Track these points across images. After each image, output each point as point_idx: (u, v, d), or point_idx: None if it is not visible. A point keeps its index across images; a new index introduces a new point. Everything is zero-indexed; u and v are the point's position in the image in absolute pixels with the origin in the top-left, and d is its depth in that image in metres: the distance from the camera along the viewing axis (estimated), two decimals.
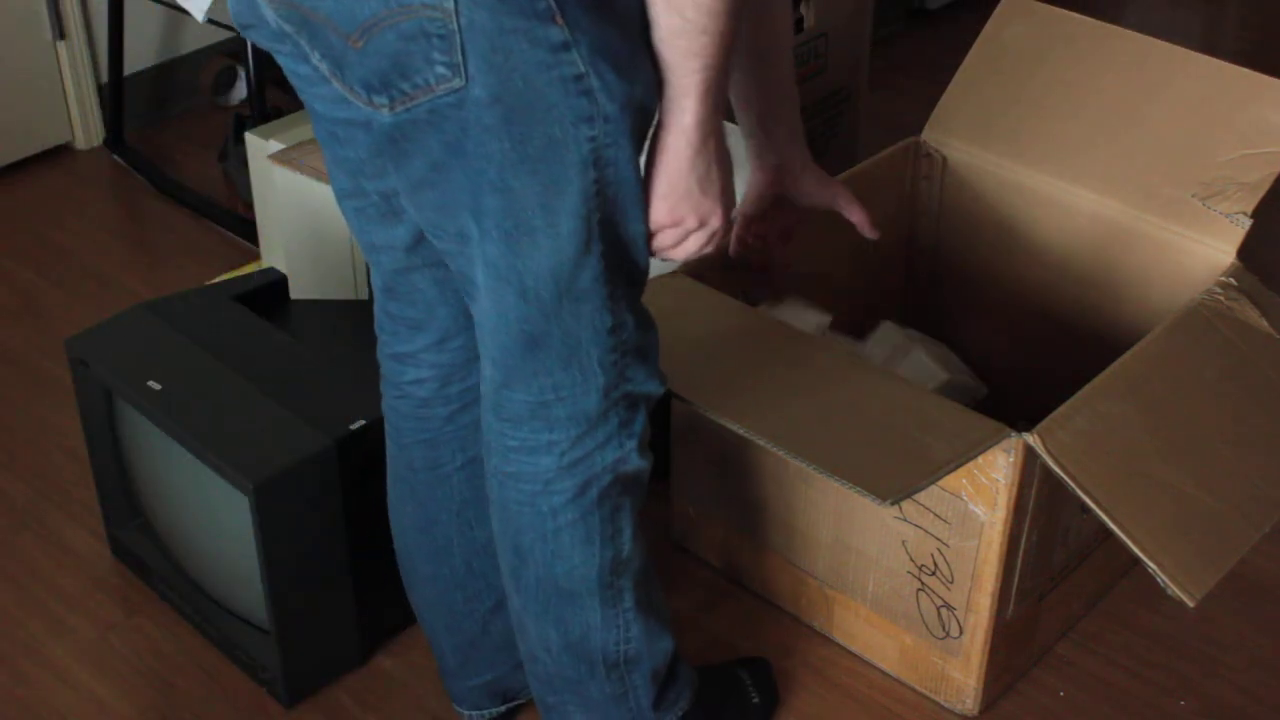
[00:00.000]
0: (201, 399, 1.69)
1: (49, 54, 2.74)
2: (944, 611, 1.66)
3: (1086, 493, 1.44)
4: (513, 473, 1.38)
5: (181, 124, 2.96)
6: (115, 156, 2.81)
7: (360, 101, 1.22)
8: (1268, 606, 1.88)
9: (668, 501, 1.93)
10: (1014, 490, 1.52)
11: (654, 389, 1.39)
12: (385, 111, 1.20)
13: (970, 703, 1.71)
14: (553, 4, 1.14)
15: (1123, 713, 1.74)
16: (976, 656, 1.67)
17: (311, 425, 1.65)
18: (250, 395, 1.69)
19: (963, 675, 1.69)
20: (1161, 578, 1.41)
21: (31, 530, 2.00)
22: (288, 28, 1.25)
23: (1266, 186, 1.74)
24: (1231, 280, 1.70)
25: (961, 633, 1.66)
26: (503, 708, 1.69)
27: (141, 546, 1.89)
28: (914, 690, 1.75)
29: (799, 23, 2.41)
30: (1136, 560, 1.43)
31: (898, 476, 1.41)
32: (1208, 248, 1.75)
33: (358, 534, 1.68)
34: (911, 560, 1.65)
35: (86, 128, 2.84)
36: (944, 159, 1.98)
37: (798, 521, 1.76)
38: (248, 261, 2.45)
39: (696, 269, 1.75)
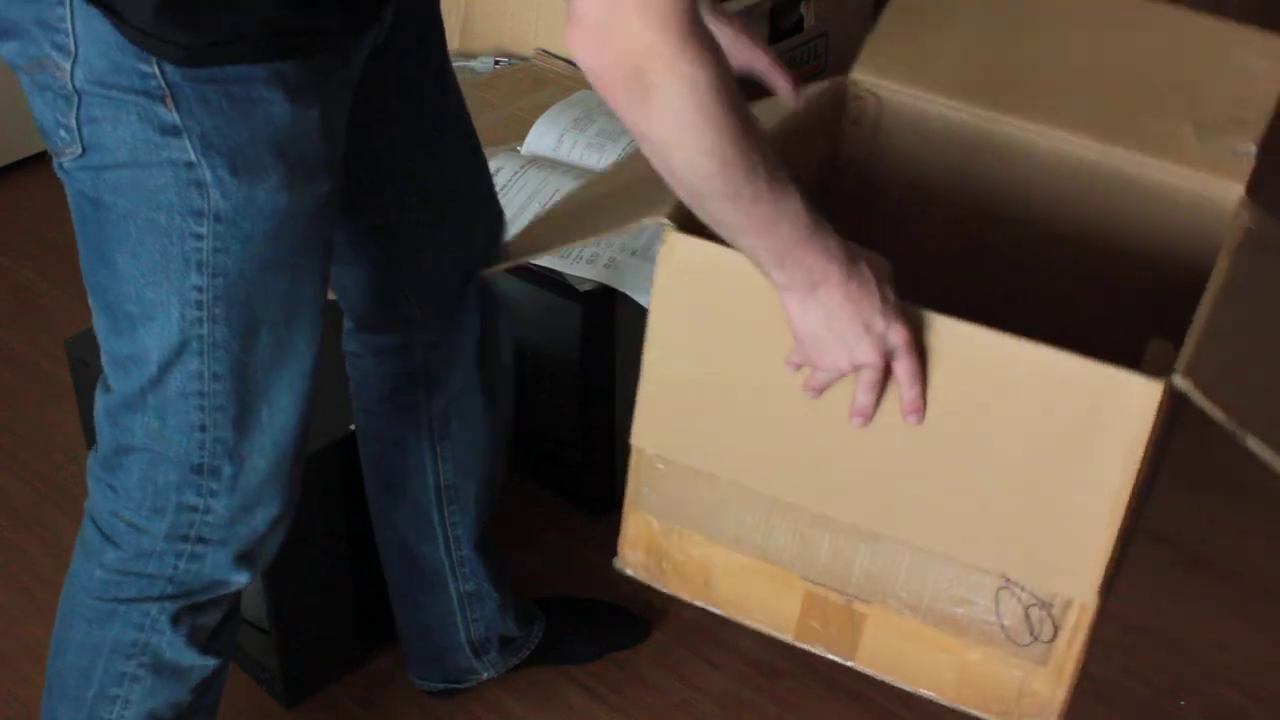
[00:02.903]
0: None
1: None
2: (1034, 611, 1.33)
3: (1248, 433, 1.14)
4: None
5: None
6: None
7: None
8: (1267, 606, 1.88)
9: None
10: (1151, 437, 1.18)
11: (224, 577, 1.31)
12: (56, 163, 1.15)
13: None
14: (164, 86, 1.07)
15: (1122, 713, 1.74)
16: (1071, 663, 1.29)
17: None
18: None
19: (1049, 688, 1.31)
20: None
21: (31, 530, 2.00)
22: None
23: (1264, 123, 1.52)
24: (1248, 216, 1.45)
25: (1056, 635, 1.31)
26: (440, 685, 1.72)
27: None
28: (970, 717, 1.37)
29: (799, 23, 2.41)
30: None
31: None
32: (1214, 186, 1.50)
33: (357, 534, 1.68)
34: None
35: None
36: (878, 100, 1.62)
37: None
38: None
39: None
